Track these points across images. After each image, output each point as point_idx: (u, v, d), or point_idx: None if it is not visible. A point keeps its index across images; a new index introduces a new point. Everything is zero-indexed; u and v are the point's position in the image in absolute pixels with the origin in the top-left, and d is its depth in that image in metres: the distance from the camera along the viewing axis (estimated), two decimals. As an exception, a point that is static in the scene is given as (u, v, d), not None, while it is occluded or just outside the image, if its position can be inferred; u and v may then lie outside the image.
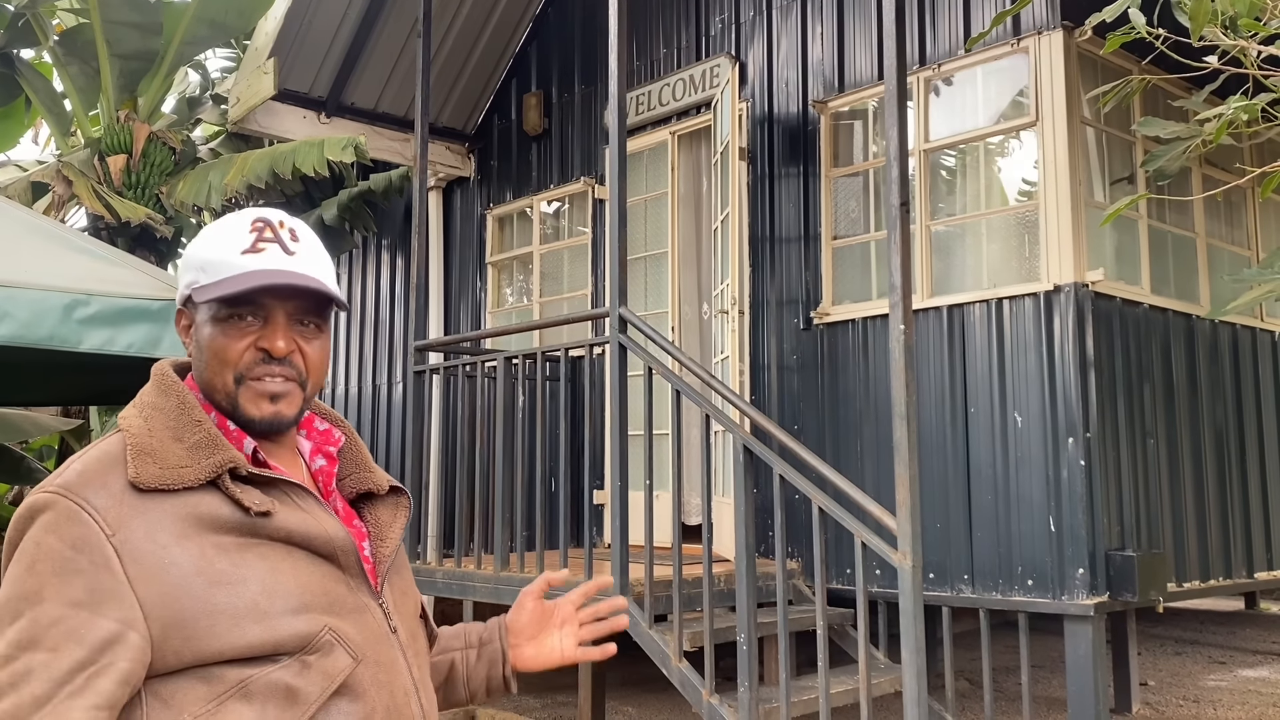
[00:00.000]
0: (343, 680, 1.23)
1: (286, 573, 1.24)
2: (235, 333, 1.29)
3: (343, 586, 1.29)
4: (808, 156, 5.78)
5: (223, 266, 1.30)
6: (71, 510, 1.17)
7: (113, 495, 1.19)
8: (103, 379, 4.63)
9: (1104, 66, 4.99)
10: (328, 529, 1.30)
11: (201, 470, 1.23)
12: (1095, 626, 4.37)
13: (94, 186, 7.32)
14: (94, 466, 1.22)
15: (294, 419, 1.34)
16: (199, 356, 1.32)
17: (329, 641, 1.23)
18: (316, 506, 1.32)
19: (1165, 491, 4.98)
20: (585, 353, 5.30)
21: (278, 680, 1.19)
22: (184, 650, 1.17)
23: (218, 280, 1.29)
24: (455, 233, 8.23)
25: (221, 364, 1.29)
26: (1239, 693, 6.77)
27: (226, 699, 1.18)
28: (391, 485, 1.46)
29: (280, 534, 1.25)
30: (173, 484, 1.21)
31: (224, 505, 1.23)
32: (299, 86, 7.18)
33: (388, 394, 8.57)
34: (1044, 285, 4.66)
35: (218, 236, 1.33)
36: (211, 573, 1.19)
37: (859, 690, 3.78)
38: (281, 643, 1.20)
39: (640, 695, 6.76)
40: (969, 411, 4.84)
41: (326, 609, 1.25)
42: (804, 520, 5.00)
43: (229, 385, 1.30)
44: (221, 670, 1.18)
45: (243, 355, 1.29)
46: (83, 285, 3.11)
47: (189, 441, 1.25)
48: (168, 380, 1.32)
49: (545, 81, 7.64)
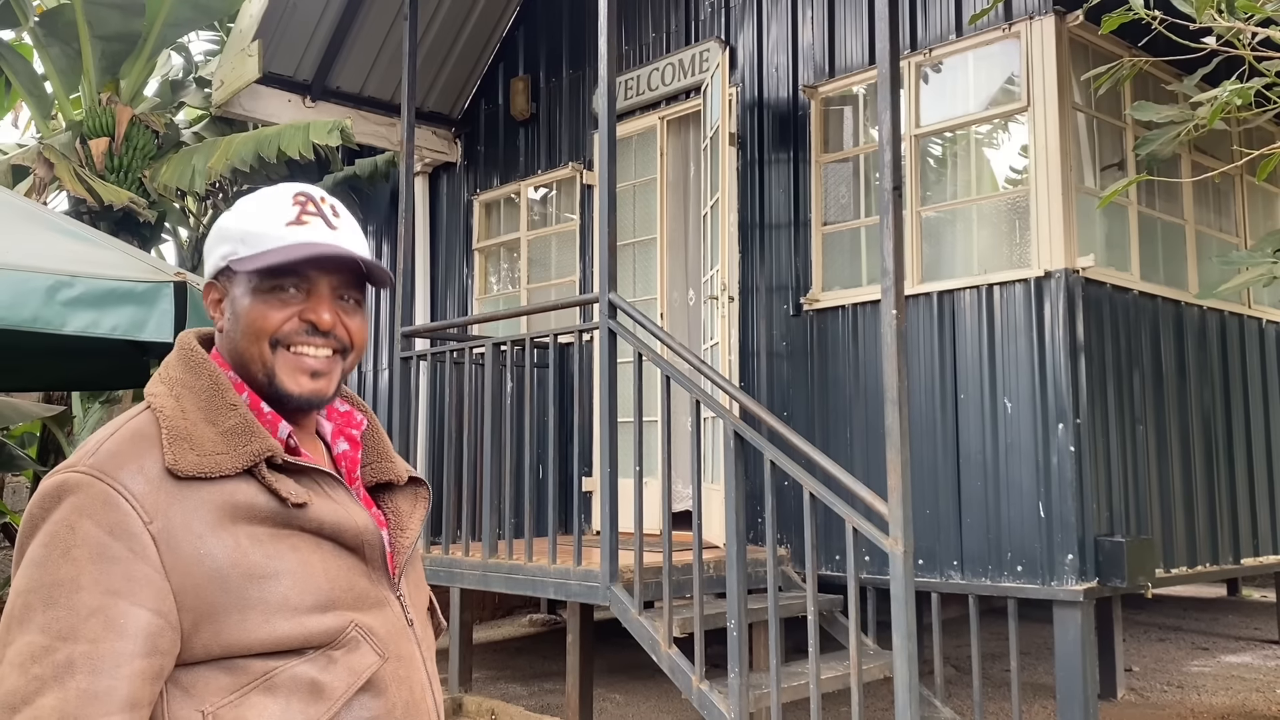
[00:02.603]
0: (369, 677, 1.22)
1: (316, 566, 1.22)
2: (277, 303, 1.26)
3: (365, 580, 1.27)
4: (798, 142, 5.76)
5: (266, 238, 1.26)
6: (108, 494, 1.13)
7: (150, 481, 1.15)
8: (85, 364, 4.58)
9: (1095, 52, 4.98)
10: (357, 520, 1.27)
11: (240, 459, 1.20)
12: (1084, 612, 4.38)
13: (76, 170, 7.23)
14: (127, 448, 1.18)
15: (332, 396, 1.32)
16: (233, 328, 1.28)
17: (355, 638, 1.22)
18: (346, 497, 1.29)
19: (1154, 477, 4.99)
20: (574, 339, 5.27)
21: (302, 674, 1.18)
22: (213, 643, 1.15)
23: (262, 251, 1.26)
24: (442, 219, 8.17)
25: (259, 333, 1.26)
26: (1222, 678, 6.82)
27: (250, 691, 1.15)
28: (411, 475, 1.43)
29: (312, 525, 1.23)
30: (210, 472, 1.18)
31: (260, 494, 1.20)
32: (284, 70, 7.10)
33: (374, 381, 8.52)
34: (1034, 271, 4.65)
35: (259, 208, 1.30)
36: (245, 565, 1.17)
37: (849, 676, 3.77)
38: (310, 637, 1.18)
39: (628, 682, 6.76)
40: (959, 398, 4.83)
41: (352, 604, 1.23)
42: (794, 506, 4.99)
43: (265, 354, 1.26)
44: (246, 662, 1.16)
45: (283, 324, 1.26)
46: (66, 267, 3.06)
47: (223, 426, 1.22)
48: (197, 356, 1.27)
49: (533, 66, 7.58)
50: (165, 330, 3.10)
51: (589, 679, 5.56)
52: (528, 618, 9.27)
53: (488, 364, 5.18)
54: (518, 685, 6.84)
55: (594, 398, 5.90)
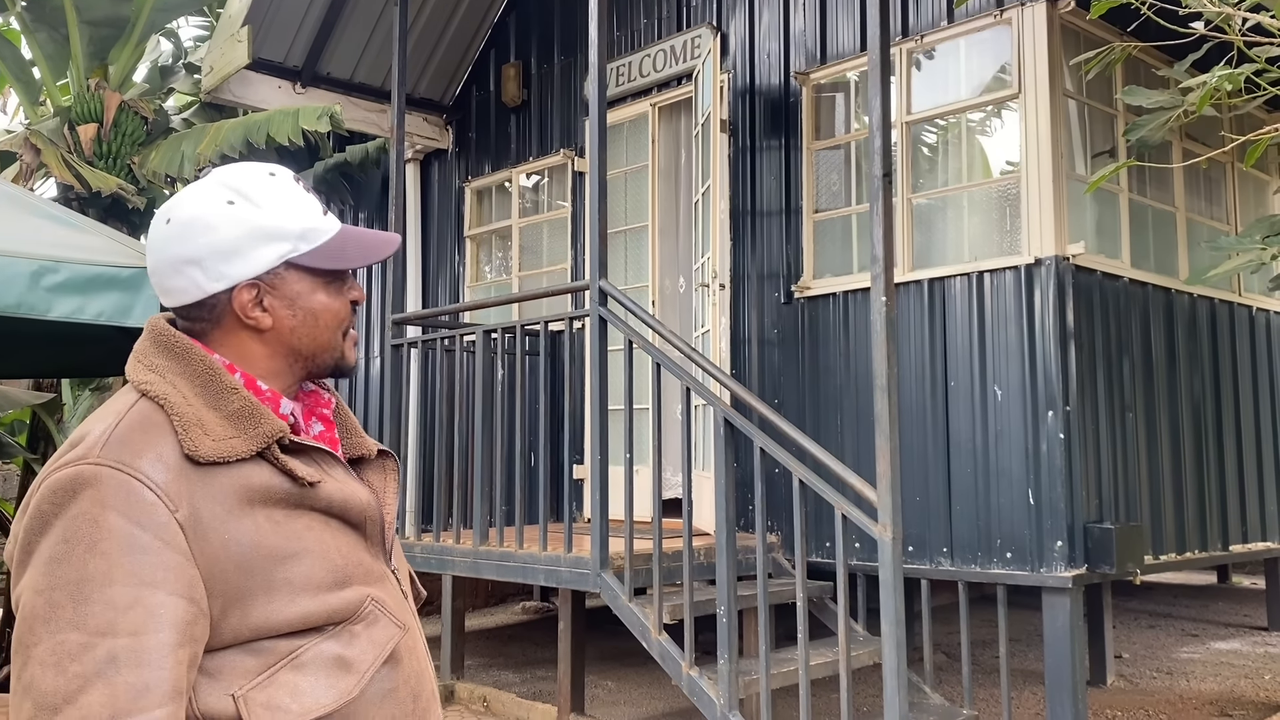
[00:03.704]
0: (391, 649, 1.24)
1: (329, 543, 1.23)
2: (341, 293, 1.34)
3: (368, 555, 1.29)
4: (789, 129, 5.74)
5: (318, 233, 1.31)
6: (130, 485, 1.12)
7: (170, 469, 1.14)
8: (74, 351, 4.55)
9: (1086, 38, 4.97)
10: (361, 497, 1.30)
11: (252, 441, 1.20)
12: (1073, 599, 4.39)
13: (64, 156, 7.19)
14: (139, 436, 1.16)
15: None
16: (301, 323, 1.30)
17: (373, 611, 1.24)
18: (345, 474, 1.31)
19: (1143, 465, 5.00)
20: (565, 326, 5.26)
21: (328, 650, 1.19)
22: (241, 626, 1.15)
23: (325, 246, 1.30)
24: (433, 206, 8.15)
25: (338, 324, 1.33)
26: (1211, 665, 6.86)
27: (278, 671, 1.16)
28: (379, 449, 1.44)
29: (322, 504, 1.24)
30: (227, 456, 1.18)
31: (274, 476, 1.21)
32: (274, 55, 7.05)
33: (365, 368, 8.50)
34: (1025, 258, 4.65)
35: (288, 202, 1.29)
36: (268, 547, 1.17)
37: (838, 662, 3.78)
38: (333, 614, 1.20)
39: (620, 669, 6.77)
40: (949, 385, 4.83)
41: (363, 579, 1.26)
42: (784, 494, 4.99)
43: (338, 341, 1.34)
44: (272, 643, 1.16)
45: (348, 311, 1.35)
46: (51, 252, 3.03)
47: (225, 410, 1.21)
48: (181, 343, 1.25)
49: (524, 52, 7.55)
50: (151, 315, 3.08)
51: (581, 666, 5.57)
52: (520, 605, 9.28)
53: (478, 352, 5.16)
54: (510, 672, 6.85)
55: (585, 385, 5.89)
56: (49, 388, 7.64)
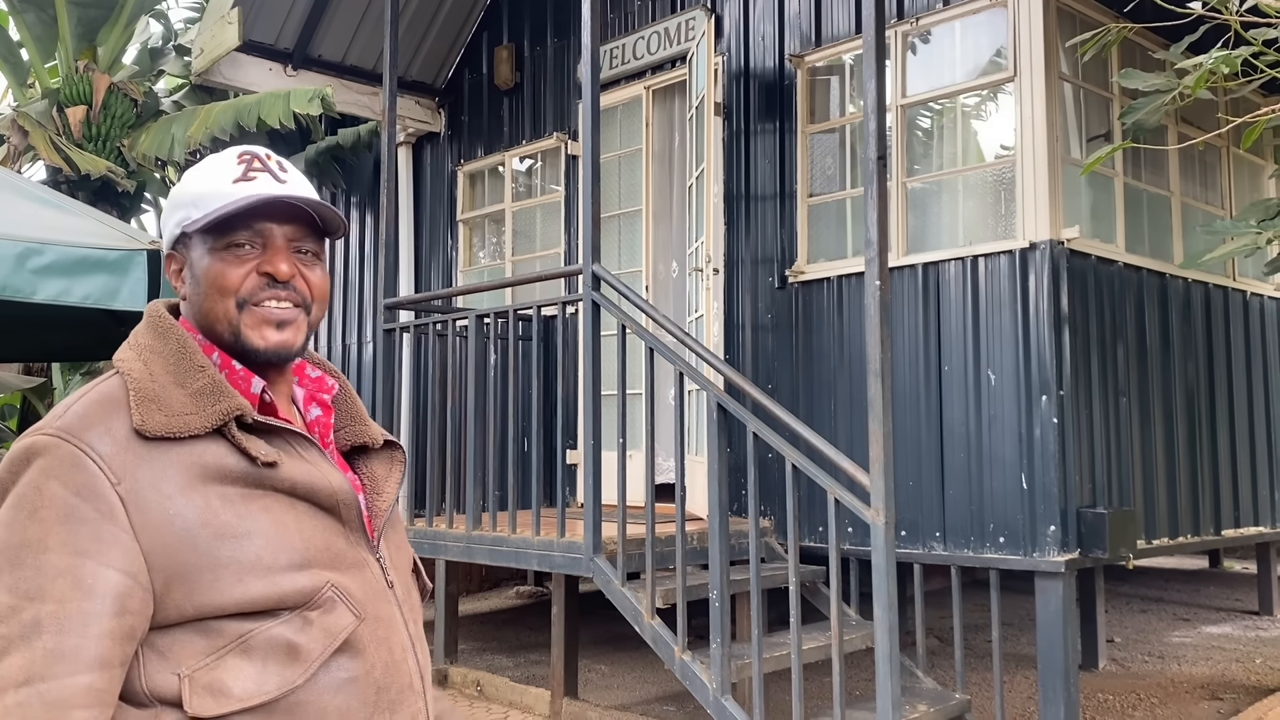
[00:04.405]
0: (345, 638, 1.22)
1: (290, 526, 1.21)
2: (235, 260, 1.26)
3: (343, 540, 1.27)
4: (784, 112, 5.71)
5: (215, 197, 1.26)
6: (75, 456, 1.13)
7: (117, 442, 1.15)
8: (63, 335, 4.52)
9: (1082, 20, 4.94)
10: (331, 481, 1.27)
11: (208, 418, 1.19)
12: (1066, 583, 4.39)
13: (52, 138, 7.13)
14: (95, 410, 1.18)
15: (300, 348, 1.32)
16: (195, 292, 1.28)
17: (331, 598, 1.22)
18: (320, 457, 1.29)
19: (1136, 449, 5.00)
20: (558, 311, 5.24)
21: (279, 636, 1.17)
22: (185, 604, 1.14)
23: (212, 210, 1.25)
24: (426, 189, 8.10)
25: (222, 292, 1.26)
26: (1203, 649, 6.88)
27: (226, 653, 1.15)
28: (386, 439, 1.43)
29: (285, 485, 1.23)
30: (179, 432, 1.18)
31: (230, 455, 1.20)
32: (264, 37, 6.99)
33: (358, 353, 8.47)
34: (1019, 243, 4.63)
35: (205, 172, 1.30)
36: (216, 525, 1.16)
37: (831, 646, 3.78)
38: (285, 597, 1.18)
39: (613, 653, 6.78)
40: (943, 369, 4.82)
41: (328, 564, 1.23)
42: (777, 478, 4.98)
43: (231, 313, 1.26)
44: (221, 624, 1.15)
45: (244, 280, 1.26)
46: (37, 234, 3.00)
47: (191, 387, 1.21)
48: (164, 322, 1.28)
49: (517, 34, 7.49)
50: (139, 299, 3.06)
51: (574, 650, 5.57)
52: (514, 590, 9.28)
53: (471, 336, 5.14)
54: (503, 656, 6.86)
55: (578, 370, 5.87)
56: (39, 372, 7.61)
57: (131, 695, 1.14)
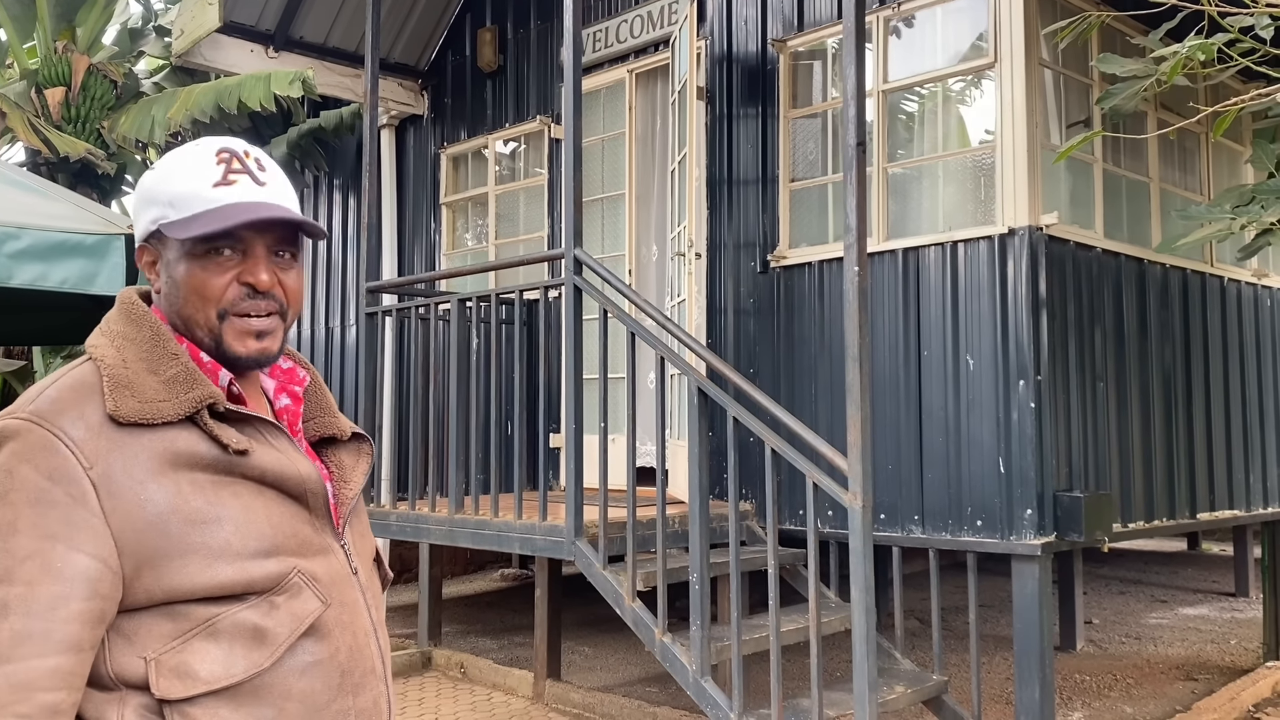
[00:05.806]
0: (311, 623, 1.24)
1: (259, 512, 1.23)
2: (215, 268, 1.26)
3: (309, 528, 1.29)
4: (766, 97, 5.71)
5: (195, 201, 1.26)
6: (47, 440, 1.14)
7: (90, 427, 1.16)
8: (42, 319, 4.50)
9: (1063, 7, 4.95)
10: (300, 469, 1.29)
11: (181, 405, 1.21)
12: (1042, 566, 4.44)
13: (30, 120, 7.07)
14: (68, 395, 1.19)
15: (279, 353, 1.34)
16: (173, 293, 1.29)
17: (298, 584, 1.24)
18: (289, 446, 1.31)
19: (1113, 434, 5.05)
20: (540, 295, 5.25)
21: (245, 620, 1.19)
22: (155, 588, 1.16)
23: (192, 215, 1.25)
24: (409, 172, 8.07)
25: (203, 300, 1.26)
26: (1179, 630, 6.96)
27: (193, 637, 1.17)
28: (354, 432, 1.46)
29: (254, 473, 1.25)
30: (152, 418, 1.19)
31: (201, 442, 1.22)
32: (245, 19, 6.94)
33: (341, 336, 8.45)
34: (998, 228, 4.65)
35: (183, 169, 1.29)
36: (187, 511, 1.18)
37: (809, 629, 3.82)
38: (252, 583, 1.20)
39: (596, 635, 6.82)
40: (922, 354, 4.85)
41: (295, 550, 1.25)
42: (758, 462, 5.01)
43: (212, 321, 1.27)
44: (188, 608, 1.17)
45: (225, 291, 1.27)
46: (13, 218, 2.99)
47: (164, 375, 1.23)
48: (138, 310, 1.29)
49: (500, 16, 7.46)
50: (116, 283, 3.05)
51: (557, 632, 5.60)
52: (499, 573, 9.31)
53: (453, 320, 5.14)
54: (487, 639, 6.89)
55: (561, 354, 5.88)
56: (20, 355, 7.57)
57: (97, 679, 1.16)
